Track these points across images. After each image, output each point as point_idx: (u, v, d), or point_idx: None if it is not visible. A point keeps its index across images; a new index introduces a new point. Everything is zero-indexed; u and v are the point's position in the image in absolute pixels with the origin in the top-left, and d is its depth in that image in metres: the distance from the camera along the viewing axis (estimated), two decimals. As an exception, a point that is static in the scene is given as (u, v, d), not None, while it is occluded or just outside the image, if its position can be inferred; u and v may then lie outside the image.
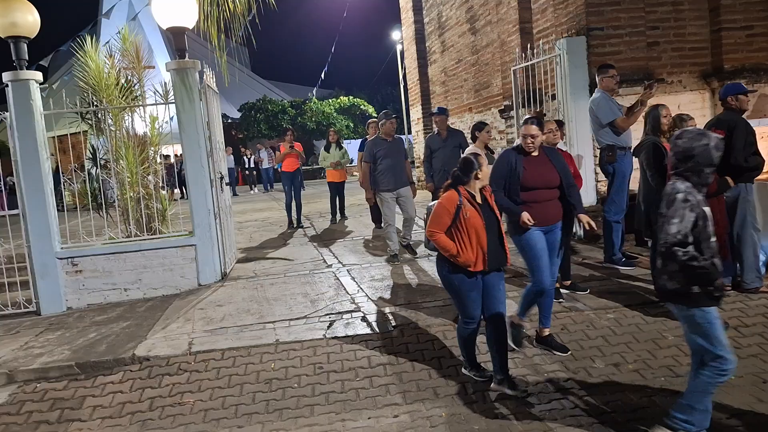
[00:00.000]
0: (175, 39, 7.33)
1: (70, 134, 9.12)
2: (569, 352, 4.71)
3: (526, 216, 4.57)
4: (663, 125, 5.60)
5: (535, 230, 4.64)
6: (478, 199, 4.24)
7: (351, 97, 34.75)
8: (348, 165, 12.44)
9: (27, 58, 7.05)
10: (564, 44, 7.92)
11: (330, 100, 33.95)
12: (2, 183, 10.93)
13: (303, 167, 21.48)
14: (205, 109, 7.35)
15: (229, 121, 33.34)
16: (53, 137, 8.73)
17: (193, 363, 5.00)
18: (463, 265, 4.11)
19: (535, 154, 4.78)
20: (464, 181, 4.21)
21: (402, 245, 7.80)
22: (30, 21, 7.02)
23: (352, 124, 32.93)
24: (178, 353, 5.17)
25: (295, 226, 10.91)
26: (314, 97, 33.93)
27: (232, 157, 21.09)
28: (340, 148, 11.17)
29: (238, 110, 33.09)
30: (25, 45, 7.05)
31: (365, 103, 34.48)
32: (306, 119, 31.66)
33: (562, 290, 5.80)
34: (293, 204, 10.94)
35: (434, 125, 8.33)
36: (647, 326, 5.05)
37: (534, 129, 4.71)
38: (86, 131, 8.70)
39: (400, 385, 4.44)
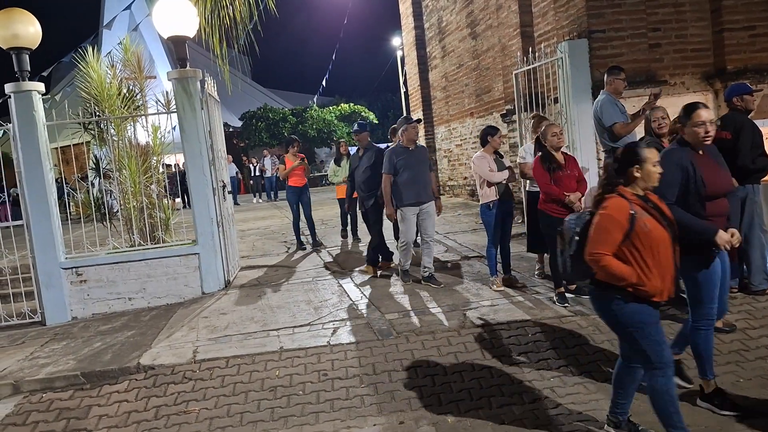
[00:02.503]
0: (176, 48, 7.35)
1: (74, 145, 9.15)
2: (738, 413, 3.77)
3: (725, 238, 3.56)
4: (656, 129, 5.56)
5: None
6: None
7: (351, 104, 34.78)
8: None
9: (29, 69, 7.07)
10: (566, 47, 7.92)
11: (330, 108, 33.98)
12: (6, 194, 11.00)
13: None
14: (207, 118, 7.36)
15: (231, 129, 33.42)
16: (56, 148, 8.74)
17: (197, 371, 4.99)
18: (646, 296, 3.17)
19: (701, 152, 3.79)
20: (622, 179, 3.26)
21: (424, 276, 6.78)
22: (31, 32, 7.04)
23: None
24: (182, 362, 5.16)
25: (311, 248, 9.43)
26: (315, 105, 33.98)
27: (233, 165, 21.06)
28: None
29: (239, 119, 33.15)
30: (27, 56, 7.08)
31: (366, 110, 34.50)
32: (307, 127, 31.70)
33: (567, 294, 5.78)
34: (301, 223, 9.61)
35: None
36: (653, 329, 5.01)
37: (707, 114, 3.75)
38: (89, 142, 8.73)
39: (405, 391, 4.42)
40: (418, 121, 7.14)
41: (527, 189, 6.67)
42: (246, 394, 4.58)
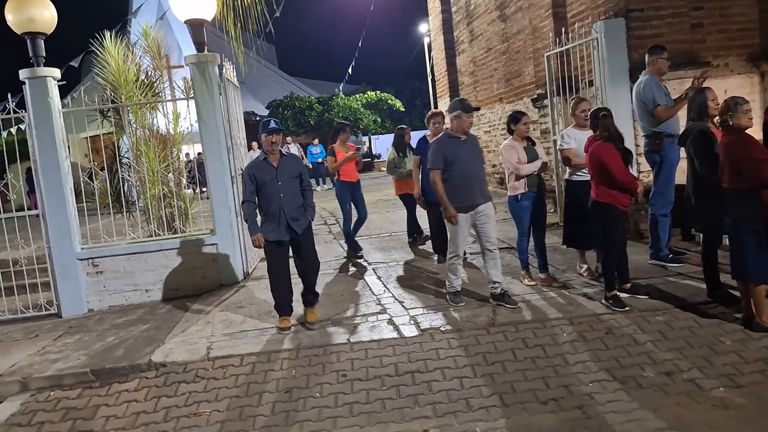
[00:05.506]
0: (194, 32, 7.10)
1: (103, 134, 8.94)
2: None
3: None
4: (711, 110, 5.14)
5: None
6: None
7: (378, 92, 34.36)
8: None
9: (44, 54, 6.87)
10: (601, 27, 7.45)
11: (357, 96, 33.62)
12: (25, 184, 10.92)
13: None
14: (225, 104, 7.09)
15: (258, 118, 33.34)
16: (86, 138, 8.57)
17: (210, 369, 4.74)
18: None
19: None
20: None
21: (494, 294, 5.53)
22: (47, 17, 6.85)
23: (379, 119, 32.57)
24: (195, 359, 4.91)
25: (357, 254, 7.90)
26: (341, 93, 33.66)
27: (260, 152, 20.73)
28: (413, 150, 7.87)
29: (266, 107, 33.05)
30: (42, 41, 6.88)
31: (392, 98, 34.04)
32: (333, 115, 31.41)
33: (621, 294, 5.28)
34: (353, 224, 8.03)
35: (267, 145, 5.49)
36: (701, 330, 4.62)
37: None
38: (112, 132, 8.52)
39: (430, 395, 4.10)
40: (477, 108, 6.11)
41: (567, 178, 6.13)
42: (260, 396, 4.31)
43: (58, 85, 6.93)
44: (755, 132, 4.95)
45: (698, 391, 3.83)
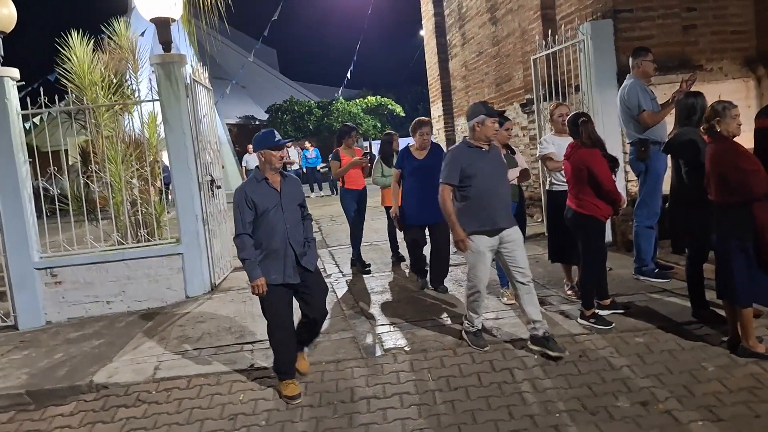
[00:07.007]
0: (160, 31, 6.77)
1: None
2: None
3: None
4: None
5: None
6: None
7: (378, 97, 34.03)
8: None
9: (2, 53, 6.56)
10: (588, 28, 7.12)
11: (357, 100, 33.33)
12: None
13: (322, 168, 20.87)
14: (192, 106, 6.77)
15: (257, 123, 33.06)
16: (86, 141, 8.39)
17: (154, 392, 4.40)
18: None
19: None
20: None
21: (535, 337, 4.49)
22: (5, 14, 6.55)
23: (379, 124, 32.25)
24: (140, 380, 4.57)
25: (364, 268, 7.38)
26: (341, 97, 33.37)
27: (255, 156, 20.32)
28: None
29: (265, 111, 32.80)
30: (0, 40, 6.58)
31: (393, 103, 33.71)
32: (332, 120, 31.12)
33: (602, 312, 4.92)
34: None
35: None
36: (683, 353, 4.26)
37: None
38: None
39: (384, 425, 3.74)
40: (502, 112, 5.22)
41: (548, 189, 5.75)
42: (201, 423, 3.96)
43: (57, 88, 6.66)
44: (745, 140, 4.60)
45: (674, 425, 3.47)
